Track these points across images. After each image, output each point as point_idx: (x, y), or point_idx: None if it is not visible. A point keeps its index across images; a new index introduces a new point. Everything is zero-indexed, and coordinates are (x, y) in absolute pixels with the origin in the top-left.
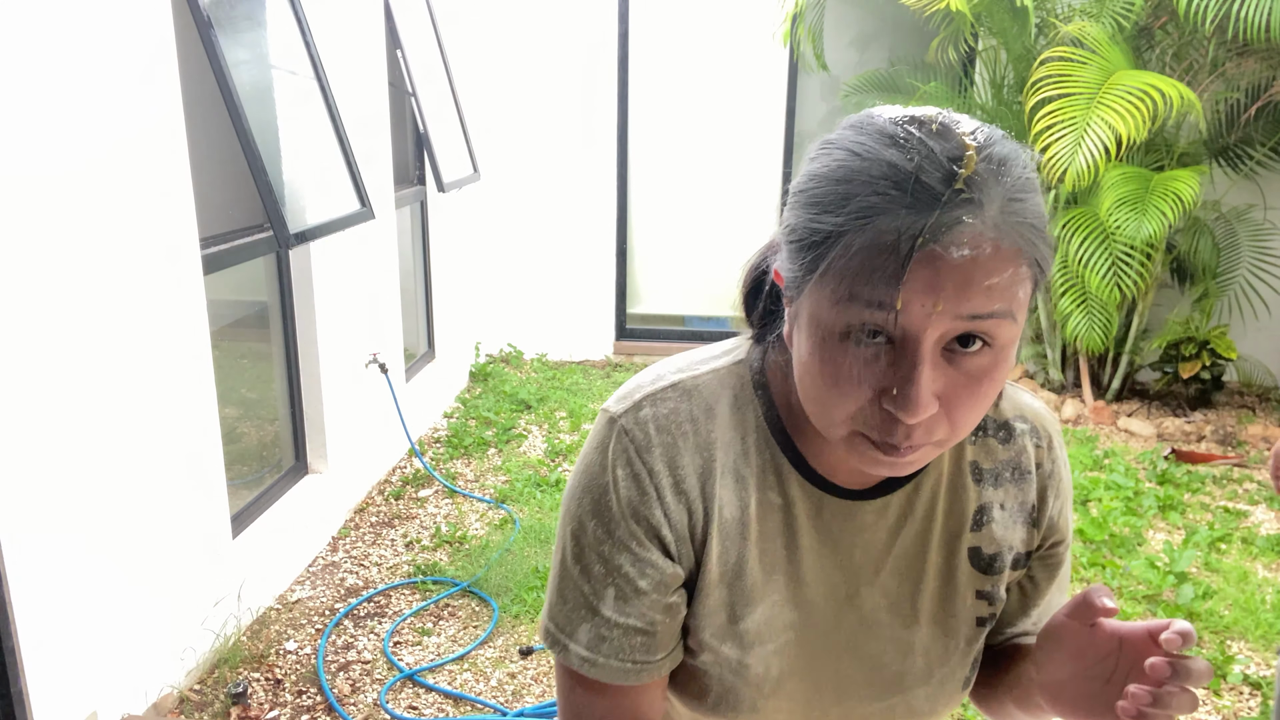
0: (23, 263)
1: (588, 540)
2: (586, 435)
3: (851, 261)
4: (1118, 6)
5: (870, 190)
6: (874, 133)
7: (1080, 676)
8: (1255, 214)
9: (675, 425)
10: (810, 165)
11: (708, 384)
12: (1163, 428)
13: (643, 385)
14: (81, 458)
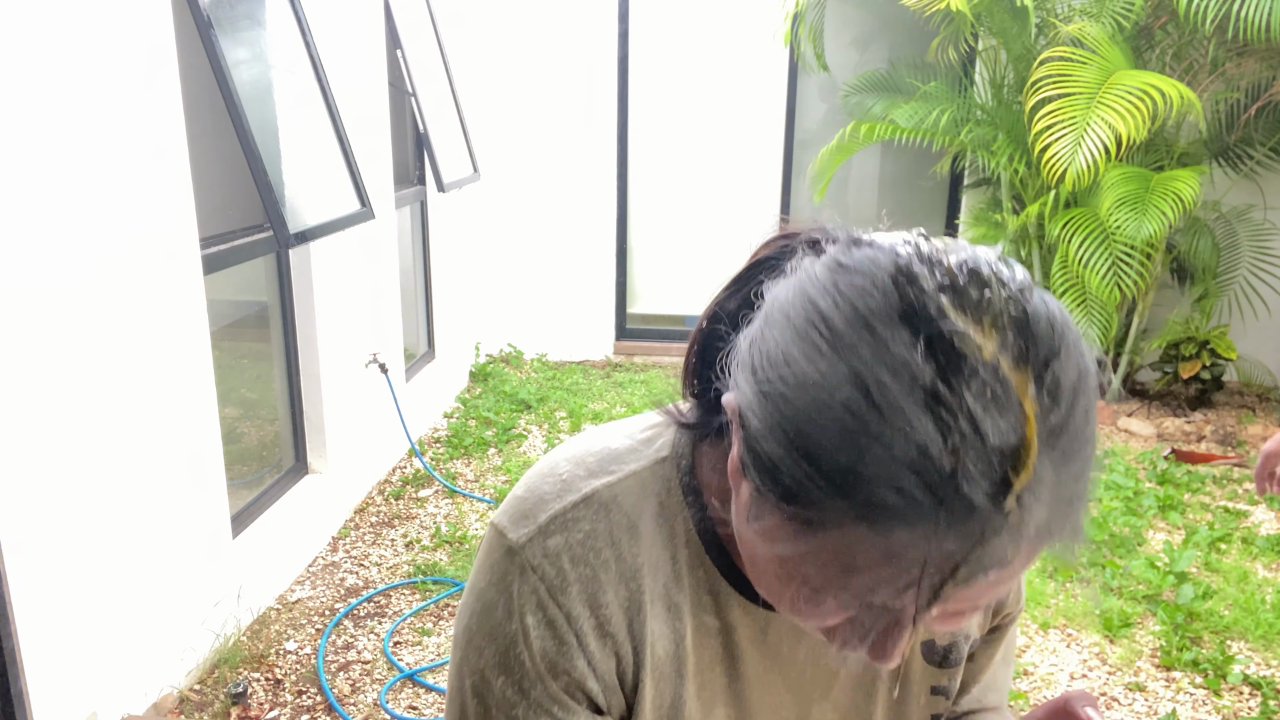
0: (23, 263)
1: (495, 699)
2: None
3: (853, 562)
4: (1118, 6)
5: (889, 482)
6: (897, 362)
7: None
8: (1255, 214)
9: (594, 553)
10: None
11: (628, 493)
12: (1163, 428)
13: (546, 499)
14: (82, 458)
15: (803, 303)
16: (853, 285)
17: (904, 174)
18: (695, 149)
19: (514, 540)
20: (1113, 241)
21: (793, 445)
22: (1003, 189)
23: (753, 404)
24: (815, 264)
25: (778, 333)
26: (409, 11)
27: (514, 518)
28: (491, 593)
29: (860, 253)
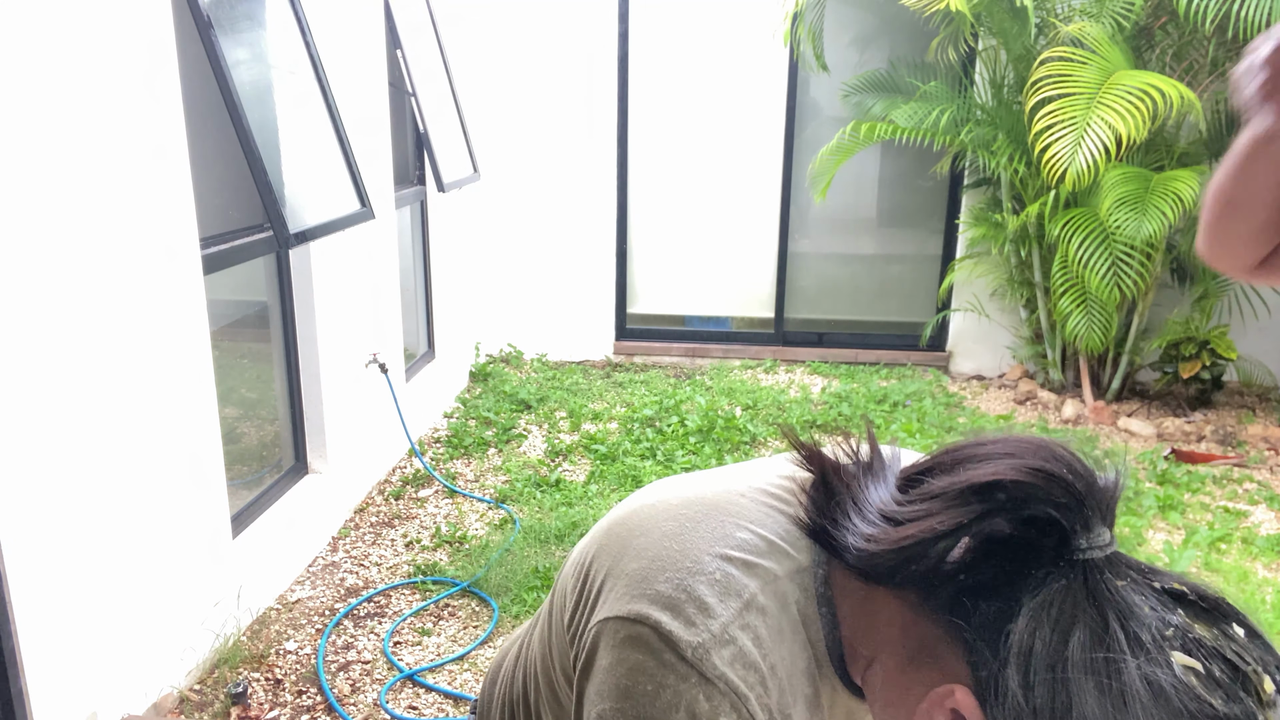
0: (23, 263)
1: None
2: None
3: None
4: (1118, 6)
5: None
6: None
7: None
8: None
9: (760, 661)
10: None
11: (775, 600)
12: (1163, 428)
13: (709, 603)
14: (82, 458)
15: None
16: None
17: (904, 174)
18: (695, 149)
19: (686, 651)
20: (1113, 241)
21: None
22: (1003, 189)
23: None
24: (1132, 670)
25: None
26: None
27: (678, 621)
28: (666, 696)
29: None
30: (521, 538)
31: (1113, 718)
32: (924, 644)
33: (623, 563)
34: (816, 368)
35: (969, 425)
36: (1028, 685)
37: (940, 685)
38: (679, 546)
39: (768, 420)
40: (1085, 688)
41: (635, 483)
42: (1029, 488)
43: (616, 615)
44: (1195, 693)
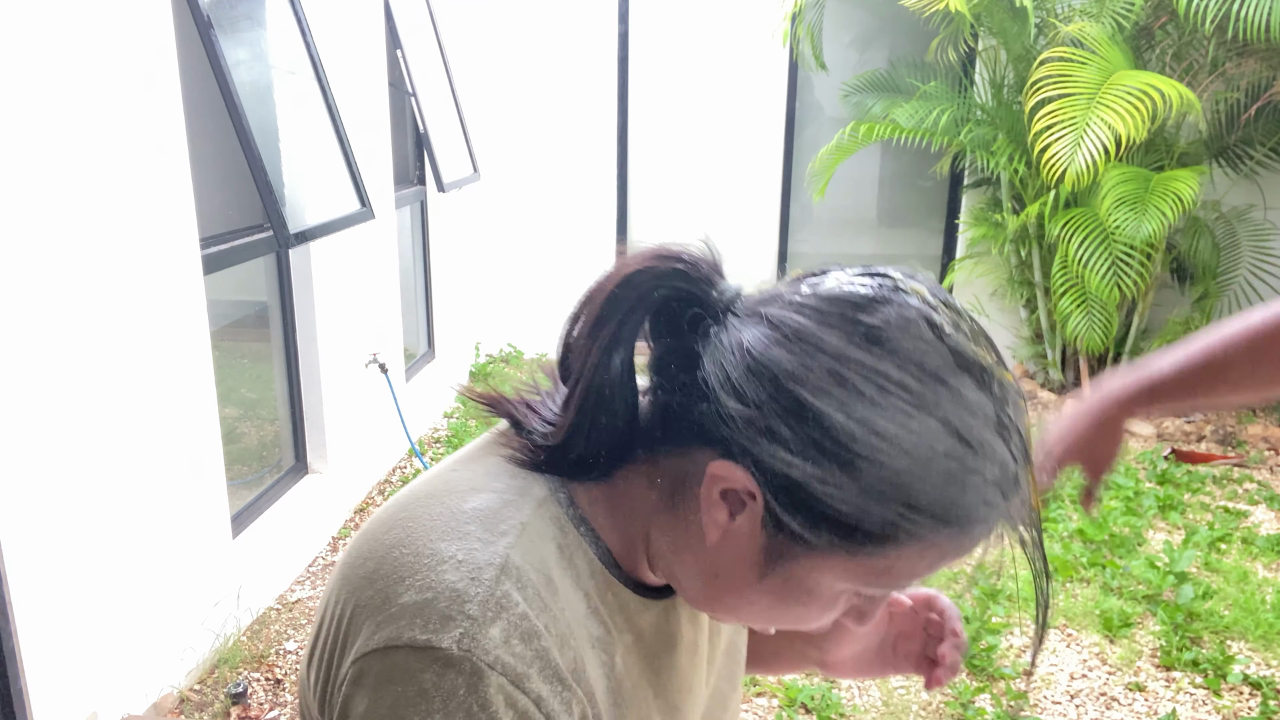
0: (23, 263)
1: None
2: None
3: (923, 563)
4: (1118, 6)
5: (980, 500)
6: (973, 407)
7: (862, 652)
8: (1255, 214)
9: (533, 626)
10: (864, 409)
11: (531, 548)
12: (1163, 428)
13: (460, 589)
14: (82, 458)
15: (860, 372)
16: (908, 348)
17: (904, 174)
18: (695, 149)
19: (449, 648)
20: (1113, 241)
21: (893, 500)
22: (1003, 189)
23: (807, 474)
24: (827, 329)
25: (837, 408)
26: (409, 11)
27: (431, 625)
28: (434, 714)
29: (888, 312)
30: None
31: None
32: (674, 483)
33: (361, 595)
34: None
35: None
36: (759, 404)
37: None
38: (410, 549)
39: None
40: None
41: None
42: (640, 275)
43: (365, 653)
44: (924, 332)
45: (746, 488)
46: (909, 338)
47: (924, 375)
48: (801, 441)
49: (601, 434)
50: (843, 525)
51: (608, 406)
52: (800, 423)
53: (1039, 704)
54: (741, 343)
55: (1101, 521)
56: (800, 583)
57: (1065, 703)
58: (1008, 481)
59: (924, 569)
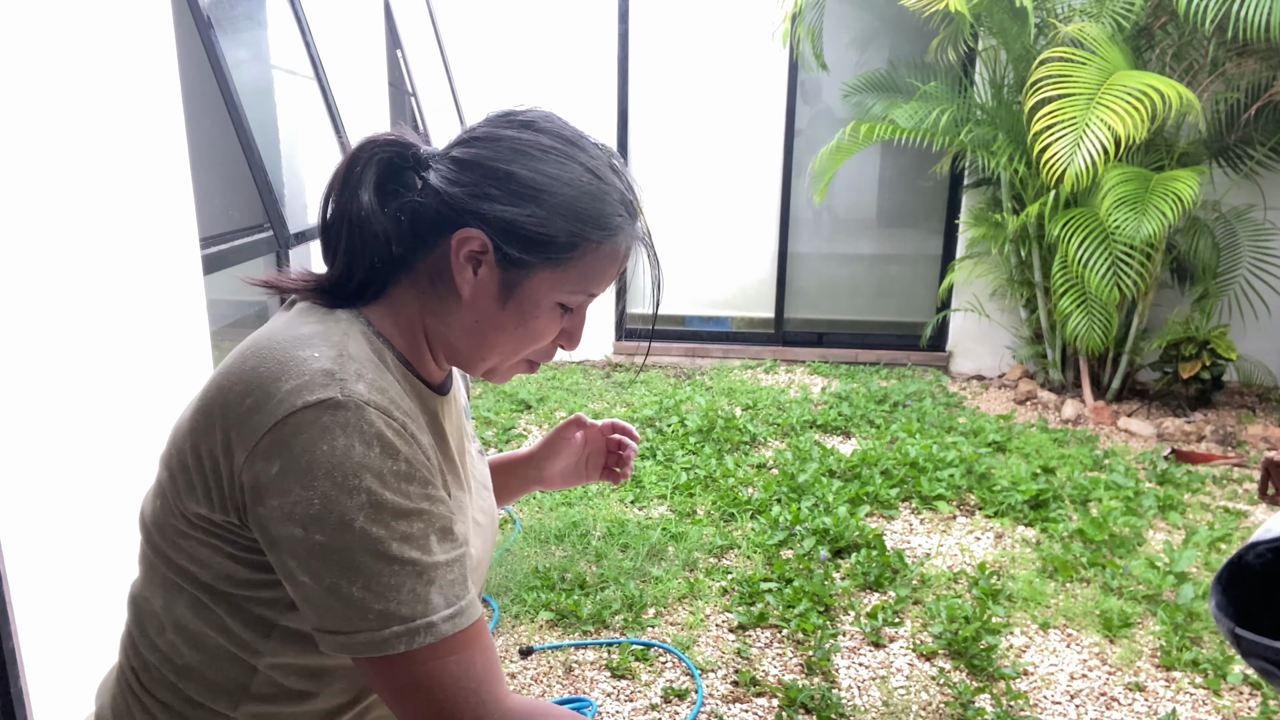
0: (23, 263)
1: (390, 512)
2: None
3: (597, 266)
4: (1118, 6)
5: (615, 212)
6: (595, 156)
7: (566, 468)
8: (1255, 214)
9: (383, 387)
10: (534, 159)
11: (359, 348)
12: (1163, 428)
13: (324, 365)
14: (82, 458)
15: (527, 145)
16: (551, 128)
17: (904, 174)
18: (695, 149)
19: (335, 396)
20: (1113, 241)
21: (566, 217)
22: (1003, 189)
23: (515, 214)
24: (501, 129)
25: (521, 166)
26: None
27: (315, 390)
28: (343, 438)
29: (533, 113)
30: (521, 538)
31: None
32: (431, 274)
33: (235, 409)
34: (816, 368)
35: (969, 425)
36: (473, 182)
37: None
38: (272, 362)
39: (768, 420)
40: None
41: (635, 483)
42: (366, 144)
43: (264, 431)
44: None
45: (481, 242)
46: (548, 123)
47: (563, 141)
48: (505, 194)
49: (370, 258)
50: (543, 243)
51: (369, 232)
52: (501, 182)
53: (1039, 704)
54: (451, 155)
55: (1101, 521)
56: (529, 299)
57: (1065, 703)
58: (629, 204)
59: (602, 270)
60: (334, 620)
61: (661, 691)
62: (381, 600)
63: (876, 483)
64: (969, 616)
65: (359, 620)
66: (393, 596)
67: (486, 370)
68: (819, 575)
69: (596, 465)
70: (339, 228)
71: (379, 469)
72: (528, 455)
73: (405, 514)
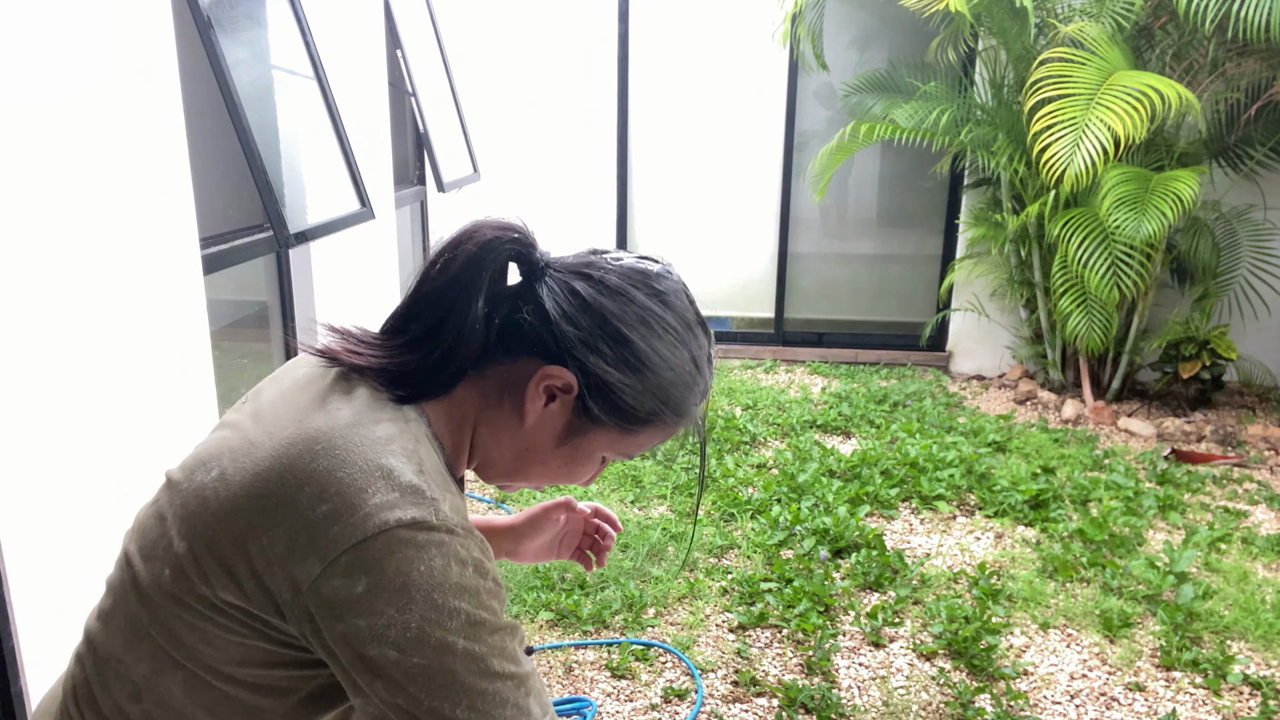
0: (22, 263)
1: (487, 629)
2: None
3: (654, 439)
4: (1118, 6)
5: (694, 403)
6: (703, 346)
7: (540, 545)
8: (1255, 214)
9: (459, 508)
10: (650, 335)
11: (430, 461)
12: (1163, 428)
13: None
14: (82, 458)
15: (653, 318)
16: (678, 306)
17: (904, 174)
18: (695, 149)
19: (429, 518)
20: (1112, 241)
21: (657, 397)
22: (1003, 189)
23: (616, 378)
24: (634, 289)
25: (640, 338)
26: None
27: (404, 505)
28: (436, 561)
29: (669, 283)
30: None
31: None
32: (502, 385)
33: (304, 515)
34: (816, 368)
35: (969, 425)
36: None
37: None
38: (354, 468)
39: (768, 420)
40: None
41: (635, 483)
42: (494, 241)
43: (349, 546)
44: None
45: (568, 384)
46: (678, 300)
47: (684, 325)
48: (616, 357)
49: (455, 361)
50: (626, 412)
51: (468, 339)
52: (616, 344)
53: (1039, 704)
54: (574, 288)
55: (1101, 521)
56: (584, 449)
57: (1065, 703)
58: (704, 393)
59: (655, 442)
60: None
61: (661, 691)
62: (488, 718)
63: (876, 483)
64: (969, 616)
65: None
66: (498, 714)
67: (504, 483)
68: (819, 575)
69: (571, 546)
70: (435, 314)
71: (475, 589)
72: (507, 527)
73: (499, 630)
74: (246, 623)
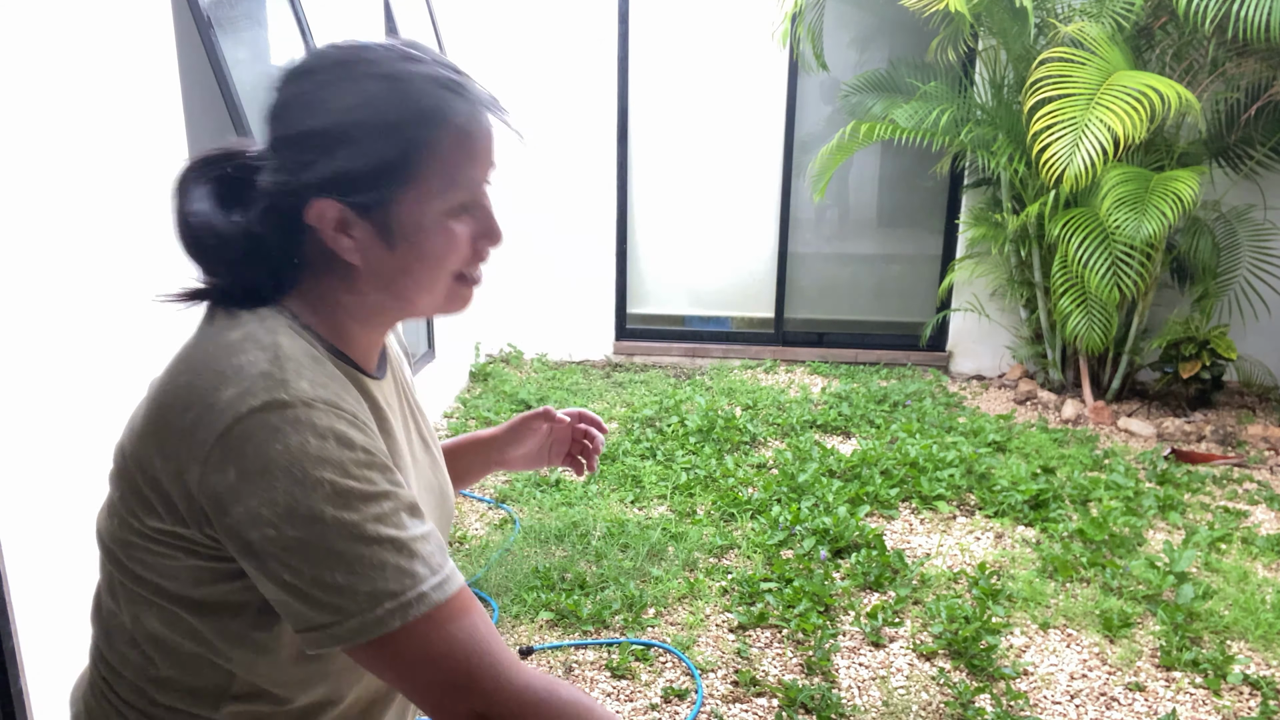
0: (23, 263)
1: (357, 497)
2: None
3: (451, 158)
4: (1118, 6)
5: (427, 98)
6: (379, 60)
7: (528, 452)
8: (1255, 214)
9: (323, 381)
10: (323, 104)
11: (292, 343)
12: (1163, 428)
13: (263, 369)
14: (82, 457)
15: (312, 93)
16: (328, 63)
17: (904, 174)
18: (695, 149)
19: (280, 397)
20: (1112, 241)
21: (381, 136)
22: (1003, 189)
23: (338, 164)
24: (289, 87)
25: (313, 118)
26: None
27: (259, 393)
28: (295, 437)
29: (307, 58)
30: (521, 538)
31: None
32: (321, 261)
33: (175, 424)
34: (816, 368)
35: (969, 425)
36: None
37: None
38: (207, 374)
39: (768, 420)
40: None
41: (635, 483)
42: (194, 162)
43: (212, 441)
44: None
45: (334, 208)
46: (321, 59)
47: (339, 69)
48: (318, 152)
49: (260, 264)
50: (381, 172)
51: (237, 245)
52: (307, 143)
53: (1039, 704)
54: (268, 143)
55: (1101, 521)
56: (410, 228)
57: (1065, 703)
58: (442, 79)
59: (458, 160)
60: (323, 614)
61: (661, 691)
62: (368, 581)
63: (876, 483)
64: (969, 616)
65: (350, 606)
66: (378, 575)
67: (429, 308)
68: (819, 575)
69: (560, 453)
70: (219, 251)
71: (337, 459)
72: (490, 437)
73: (372, 497)
74: (176, 544)
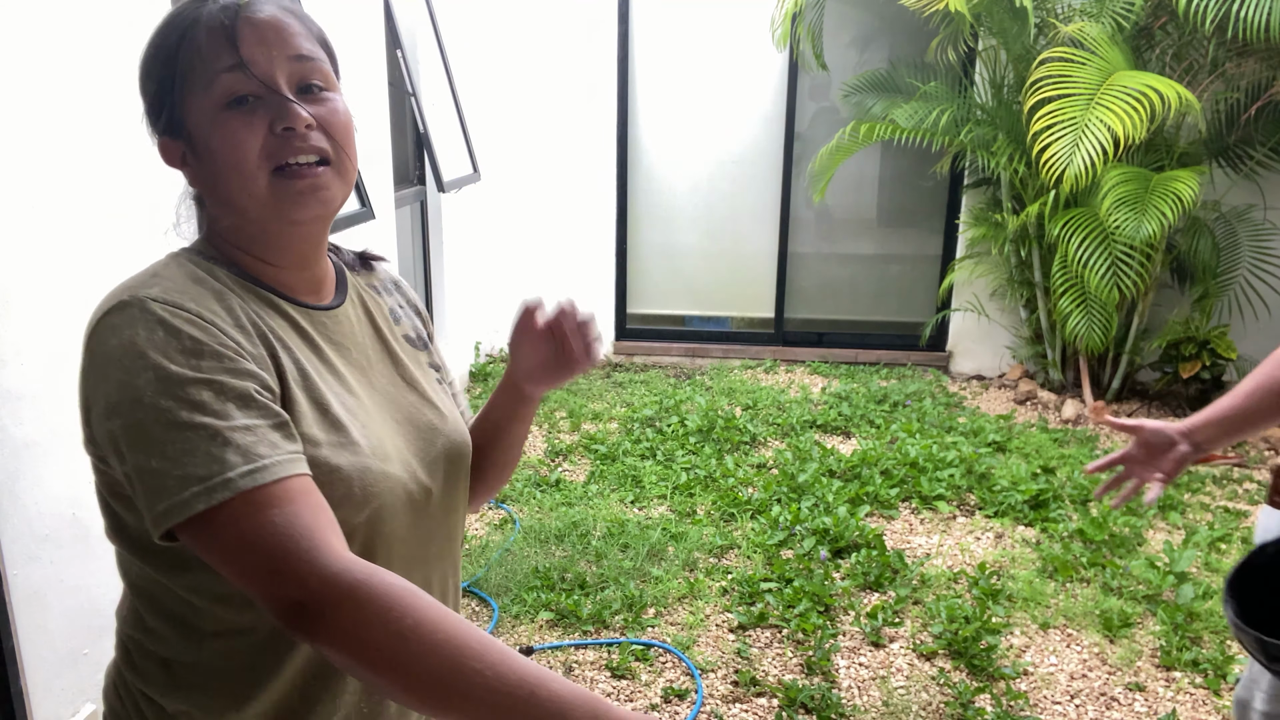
0: (23, 263)
1: (176, 382)
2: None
3: (193, 55)
4: (1118, 6)
5: (181, 12)
6: (177, 9)
7: (546, 356)
8: (1255, 214)
9: (182, 289)
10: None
11: (174, 267)
12: None
13: (127, 284)
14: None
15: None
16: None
17: (904, 174)
18: (695, 149)
19: (123, 300)
20: (1112, 241)
21: (154, 61)
22: (1003, 189)
23: (145, 99)
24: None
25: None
26: (409, 11)
27: (107, 303)
28: (128, 331)
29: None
30: (521, 538)
31: None
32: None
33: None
34: (816, 368)
35: (969, 425)
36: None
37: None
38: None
39: (768, 420)
40: None
41: (635, 483)
42: None
43: (82, 350)
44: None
45: (162, 145)
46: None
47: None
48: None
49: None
50: (163, 85)
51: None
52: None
53: (1039, 704)
54: None
55: (1101, 521)
56: (198, 133)
57: (1065, 703)
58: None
59: (221, 48)
60: (147, 500)
61: (661, 691)
62: (179, 466)
63: (876, 483)
64: (969, 616)
65: (163, 490)
66: (188, 461)
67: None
68: (819, 575)
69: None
70: None
71: (163, 347)
72: (505, 374)
73: (193, 383)
74: (122, 489)
